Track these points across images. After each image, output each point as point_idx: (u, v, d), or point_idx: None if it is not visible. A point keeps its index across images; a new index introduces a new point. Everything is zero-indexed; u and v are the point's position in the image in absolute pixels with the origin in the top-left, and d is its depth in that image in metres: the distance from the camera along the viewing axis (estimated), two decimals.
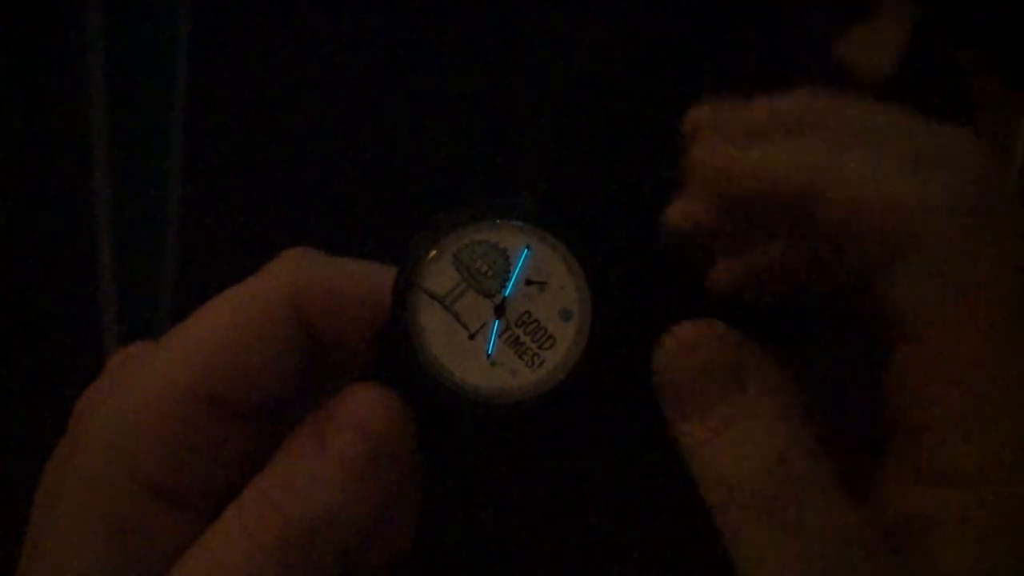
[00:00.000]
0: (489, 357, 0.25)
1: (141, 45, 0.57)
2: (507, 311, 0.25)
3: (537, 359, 0.25)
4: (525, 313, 0.25)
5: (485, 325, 0.25)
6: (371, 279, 0.26)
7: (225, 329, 0.26)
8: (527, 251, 0.25)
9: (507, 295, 0.25)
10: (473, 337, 0.25)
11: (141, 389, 0.25)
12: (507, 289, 0.25)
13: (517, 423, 0.26)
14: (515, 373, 0.25)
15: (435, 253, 0.25)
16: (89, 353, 0.59)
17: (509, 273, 0.25)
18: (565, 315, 0.25)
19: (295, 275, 0.26)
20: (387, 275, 0.26)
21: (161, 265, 0.58)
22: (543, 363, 0.25)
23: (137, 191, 0.58)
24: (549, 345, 0.25)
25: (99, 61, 0.56)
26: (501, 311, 0.25)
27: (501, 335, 0.25)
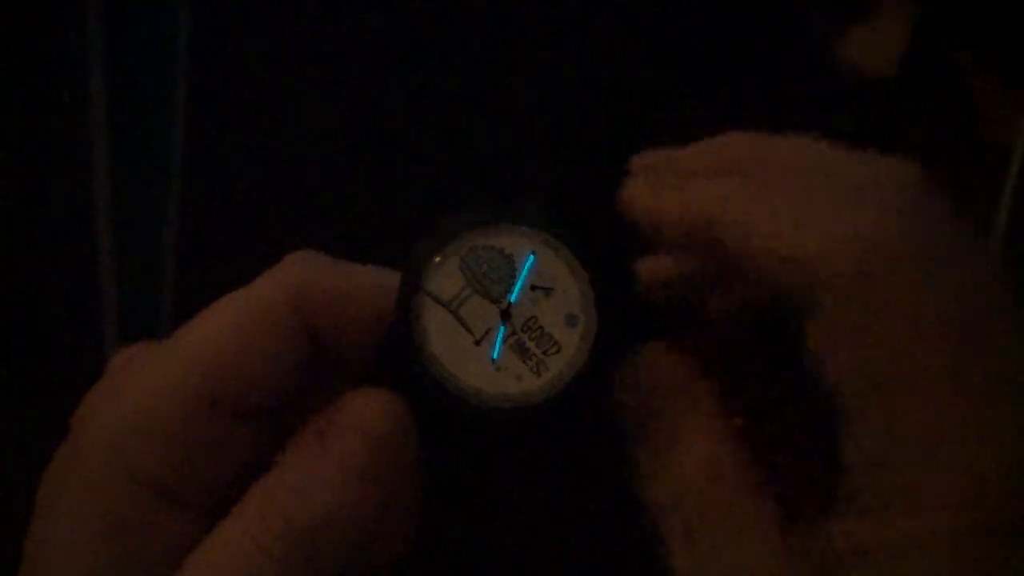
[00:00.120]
0: (494, 362, 0.25)
1: (141, 45, 0.57)
2: (512, 316, 0.25)
3: (542, 365, 0.25)
4: (530, 318, 0.25)
5: (490, 330, 0.25)
6: (375, 283, 0.26)
7: (229, 332, 0.26)
8: (533, 256, 0.25)
9: (512, 300, 0.25)
10: (478, 342, 0.25)
11: (144, 391, 0.25)
12: (512, 294, 0.25)
13: (521, 428, 0.26)
14: (520, 378, 0.25)
15: (441, 257, 0.25)
16: (89, 353, 0.59)
17: (514, 278, 0.25)
18: (570, 321, 0.25)
19: (299, 278, 0.26)
20: (391, 279, 0.26)
21: (161, 265, 0.58)
22: (548, 369, 0.25)
23: (137, 191, 0.58)
24: (554, 351, 0.25)
25: (99, 61, 0.56)
26: (506, 316, 0.25)
27: (506, 340, 0.25)
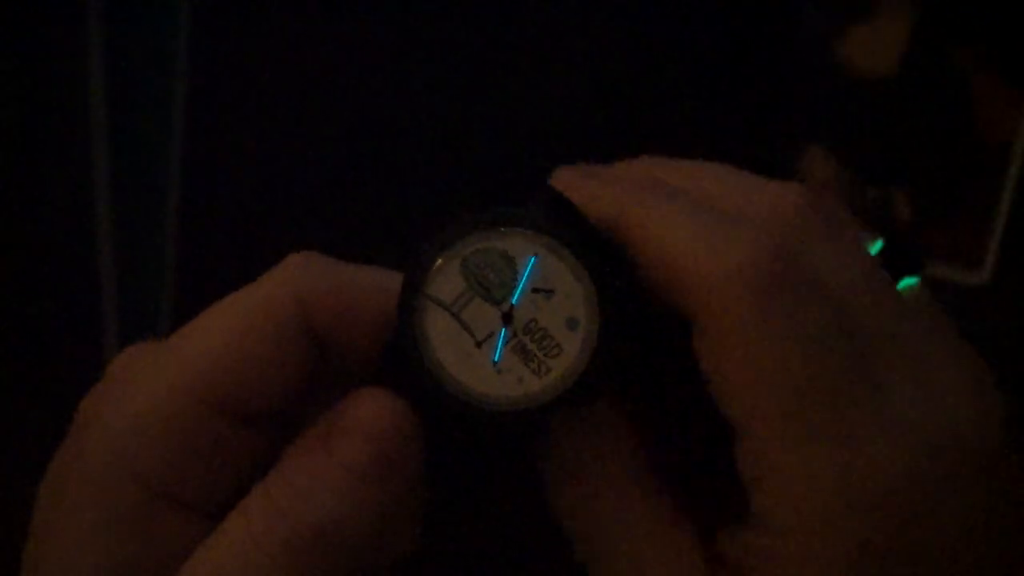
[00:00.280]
0: (495, 365, 0.25)
1: (141, 45, 0.57)
2: (514, 319, 0.25)
3: (543, 367, 0.25)
4: (532, 321, 0.25)
5: (492, 333, 0.25)
6: (377, 284, 0.26)
7: (230, 333, 0.25)
8: (534, 259, 0.25)
9: (514, 303, 0.25)
10: (480, 345, 0.25)
11: (145, 392, 0.25)
12: (514, 297, 0.25)
13: (523, 430, 0.26)
14: (521, 381, 0.25)
15: (442, 260, 0.25)
16: (89, 353, 0.59)
17: (516, 281, 0.25)
18: (572, 324, 0.25)
19: (301, 279, 0.26)
20: (393, 280, 0.26)
21: (161, 265, 0.58)
22: (549, 371, 0.25)
23: (137, 191, 0.58)
24: (556, 353, 0.25)
25: (99, 61, 0.56)
26: (508, 319, 0.25)
27: (508, 343, 0.25)
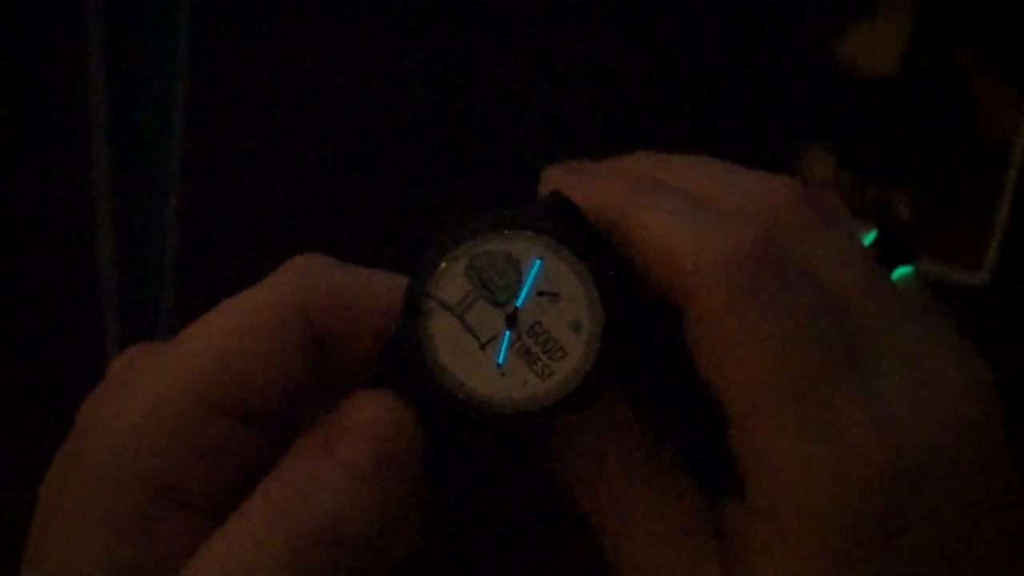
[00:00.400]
0: (499, 367, 0.25)
1: (141, 45, 0.57)
2: (518, 321, 0.25)
3: (547, 370, 0.25)
4: (536, 324, 0.25)
5: (496, 335, 0.25)
6: (380, 286, 0.26)
7: (233, 335, 0.26)
8: (539, 262, 0.25)
9: (519, 305, 0.25)
10: (484, 347, 0.25)
11: (147, 393, 0.25)
12: (519, 300, 0.25)
13: (526, 433, 0.26)
14: (525, 383, 0.25)
15: (447, 262, 0.25)
16: (89, 353, 0.58)
17: (521, 284, 0.25)
18: (576, 327, 0.25)
19: (304, 281, 0.26)
20: (396, 282, 0.26)
21: (161, 265, 0.58)
22: (553, 374, 0.25)
23: (137, 191, 0.58)
24: (559, 356, 0.25)
25: (99, 61, 0.56)
26: (512, 321, 0.25)
27: (512, 345, 0.25)
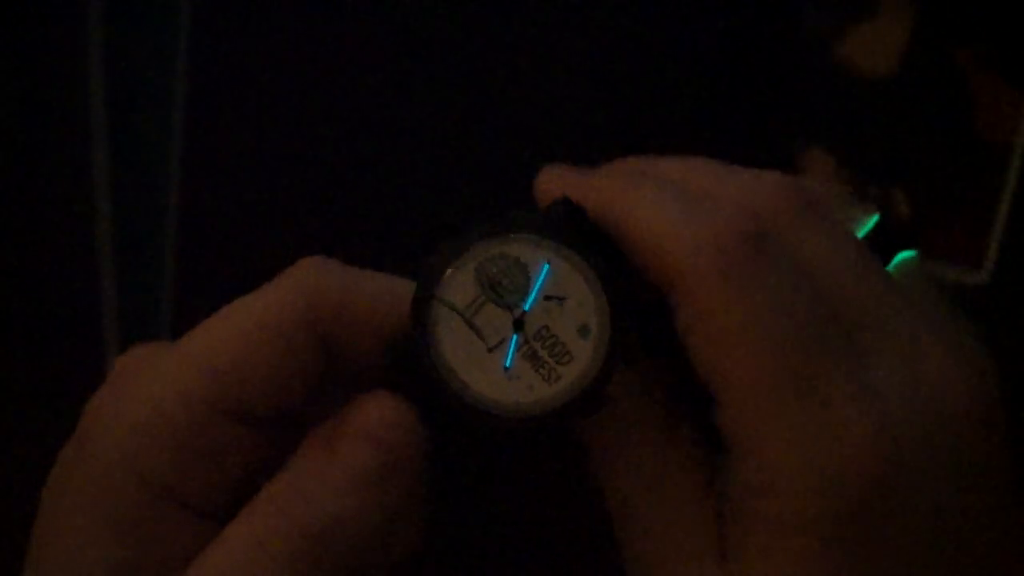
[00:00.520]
0: (507, 371, 0.25)
1: (141, 45, 0.57)
2: (526, 325, 0.25)
3: (554, 374, 0.25)
4: (543, 328, 0.25)
5: (504, 339, 0.25)
6: (386, 289, 0.26)
7: (239, 337, 0.26)
8: (547, 266, 0.25)
9: (526, 309, 0.25)
10: (491, 350, 0.25)
11: (152, 394, 0.25)
12: (527, 303, 0.25)
13: (533, 437, 0.26)
14: (532, 387, 0.25)
15: (456, 265, 0.25)
16: (89, 353, 0.58)
17: (529, 288, 0.25)
18: (583, 331, 0.25)
19: (311, 284, 0.26)
20: (402, 286, 0.26)
21: (161, 265, 0.58)
22: (560, 378, 0.25)
23: (137, 191, 0.58)
24: (567, 360, 0.25)
25: (99, 61, 0.56)
26: (520, 325, 0.25)
27: (519, 349, 0.25)
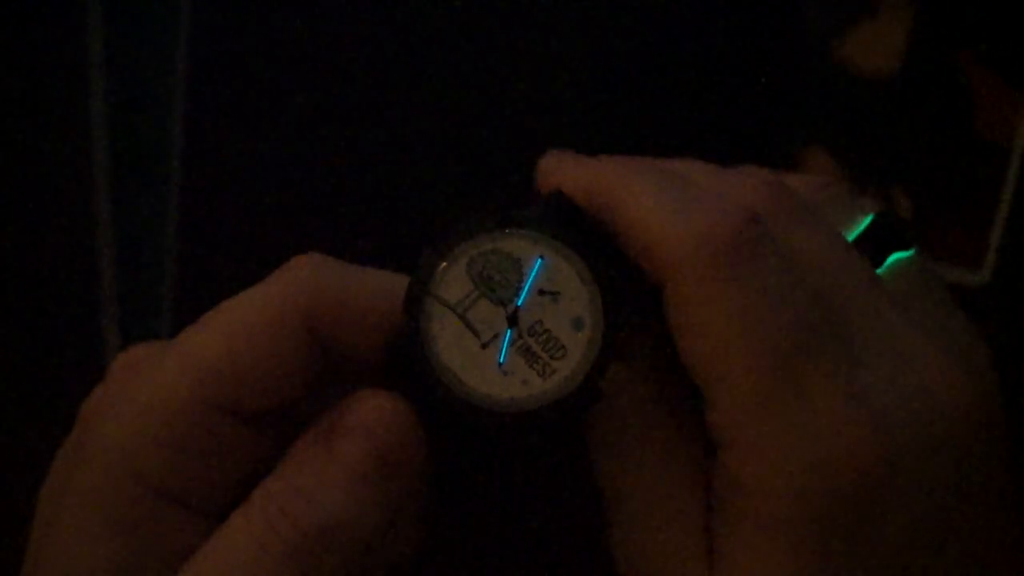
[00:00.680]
0: (501, 366, 0.25)
1: (141, 45, 0.57)
2: (519, 320, 0.25)
3: (548, 369, 0.25)
4: (537, 323, 0.25)
5: (497, 334, 0.25)
6: (382, 286, 0.26)
7: (235, 334, 0.26)
8: (540, 261, 0.25)
9: (520, 304, 0.25)
10: (485, 346, 0.25)
11: (150, 393, 0.25)
12: (520, 299, 0.25)
13: (527, 432, 0.26)
14: (526, 382, 0.25)
15: (449, 261, 0.25)
16: (89, 353, 0.59)
17: (522, 283, 0.25)
18: (577, 325, 0.25)
19: (307, 281, 0.26)
20: (398, 282, 0.26)
21: (161, 265, 0.58)
22: (554, 373, 0.25)
23: (137, 192, 0.58)
24: (561, 355, 0.25)
25: (99, 61, 0.56)
26: (513, 320, 0.25)
27: (513, 344, 0.25)
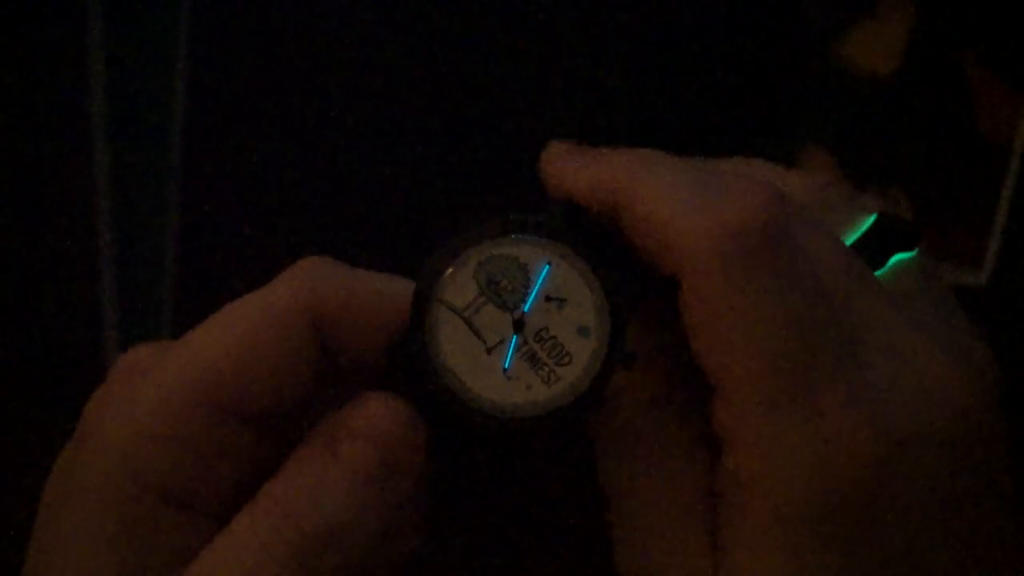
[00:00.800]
0: (506, 372, 0.25)
1: (141, 45, 0.57)
2: (525, 326, 0.25)
3: (553, 375, 0.25)
4: (543, 329, 0.25)
5: (503, 340, 0.25)
6: (387, 289, 0.26)
7: (239, 337, 0.26)
8: (548, 267, 0.25)
9: (526, 310, 0.25)
10: (490, 351, 0.25)
11: (152, 394, 0.25)
12: (526, 304, 0.25)
13: (531, 438, 0.26)
14: (531, 388, 0.25)
15: (456, 266, 0.25)
16: (89, 353, 0.59)
17: (529, 289, 0.25)
18: (583, 332, 0.25)
19: (311, 284, 0.26)
20: (403, 286, 0.26)
21: (161, 265, 0.58)
22: (559, 380, 0.25)
23: (137, 191, 0.58)
24: (566, 362, 0.25)
25: (99, 61, 0.56)
26: (519, 326, 0.25)
27: (518, 350, 0.25)
